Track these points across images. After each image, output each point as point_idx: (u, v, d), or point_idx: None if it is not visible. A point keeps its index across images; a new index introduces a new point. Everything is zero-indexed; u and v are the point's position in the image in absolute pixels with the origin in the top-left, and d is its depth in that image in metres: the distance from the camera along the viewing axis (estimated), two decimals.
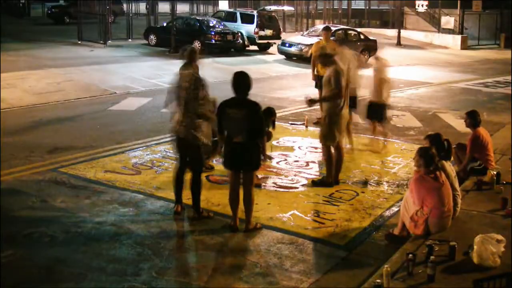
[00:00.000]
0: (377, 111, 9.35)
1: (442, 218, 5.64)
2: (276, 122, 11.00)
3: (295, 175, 7.95)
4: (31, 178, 7.49)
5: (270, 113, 8.33)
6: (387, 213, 6.72)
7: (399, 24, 32.64)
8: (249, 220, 6.02)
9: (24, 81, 14.73)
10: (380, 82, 9.30)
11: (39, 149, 8.82)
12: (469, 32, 32.30)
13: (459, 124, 11.55)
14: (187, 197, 6.94)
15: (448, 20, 32.46)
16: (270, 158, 5.94)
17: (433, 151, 5.85)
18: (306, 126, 10.98)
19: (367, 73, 9.89)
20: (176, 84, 6.39)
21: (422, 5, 33.62)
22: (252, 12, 26.19)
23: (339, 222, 6.34)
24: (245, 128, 5.73)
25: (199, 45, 22.67)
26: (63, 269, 5.10)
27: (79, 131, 10.16)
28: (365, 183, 7.78)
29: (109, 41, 24.20)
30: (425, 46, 31.05)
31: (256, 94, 15.06)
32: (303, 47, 21.89)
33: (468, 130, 7.93)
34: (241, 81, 5.90)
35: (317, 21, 34.06)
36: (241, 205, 6.02)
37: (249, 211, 6.01)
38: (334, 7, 36.88)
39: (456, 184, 6.23)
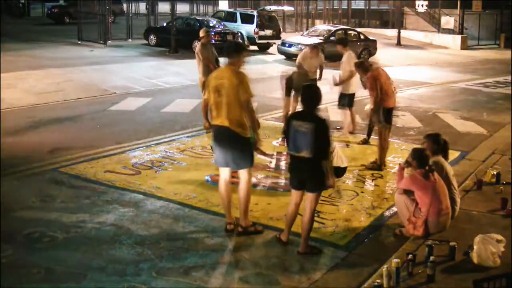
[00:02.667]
0: (344, 99, 10.32)
1: (440, 216, 5.64)
2: (275, 123, 11.08)
3: None
4: (31, 178, 7.49)
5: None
6: (387, 213, 6.72)
7: (399, 24, 32.62)
8: (305, 242, 5.59)
9: (24, 81, 14.73)
10: (349, 74, 9.96)
11: (39, 149, 8.82)
12: (469, 32, 32.28)
13: (459, 124, 11.56)
14: (187, 197, 6.95)
15: (448, 20, 32.44)
16: (333, 184, 5.62)
17: (427, 152, 5.89)
18: None
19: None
20: None
21: (422, 5, 33.59)
22: (252, 12, 26.20)
23: (339, 222, 6.34)
24: (311, 143, 5.33)
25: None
26: (63, 269, 5.10)
27: (79, 131, 10.15)
28: (365, 183, 7.78)
29: (109, 41, 24.20)
30: (425, 46, 31.04)
31: (256, 94, 15.05)
32: (303, 47, 21.83)
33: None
34: (310, 94, 5.56)
35: (317, 21, 34.05)
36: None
37: (306, 232, 5.58)
38: (334, 7, 36.88)
39: (455, 183, 6.24)
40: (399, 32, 30.87)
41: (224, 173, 6.00)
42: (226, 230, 6.00)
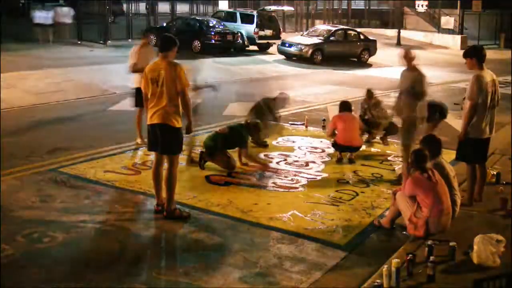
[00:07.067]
0: None
1: (441, 216, 5.65)
2: (275, 123, 11.07)
3: (295, 175, 7.96)
4: (31, 178, 7.49)
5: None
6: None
7: (399, 24, 32.66)
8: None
9: (24, 81, 14.73)
10: None
11: (39, 149, 8.82)
12: (469, 32, 32.30)
13: (459, 124, 11.53)
14: (187, 197, 6.94)
15: (448, 20, 32.47)
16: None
17: (426, 152, 5.90)
18: (306, 126, 10.98)
19: None
20: None
21: (422, 5, 33.62)
22: (252, 12, 26.21)
23: (339, 222, 6.34)
24: None
25: (199, 45, 22.68)
26: (63, 269, 5.10)
27: (79, 131, 10.15)
28: (365, 183, 7.78)
29: (109, 41, 24.19)
30: (425, 46, 31.03)
31: (256, 94, 15.10)
32: (303, 47, 21.92)
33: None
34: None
35: (317, 21, 34.06)
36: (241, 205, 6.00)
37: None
38: (334, 7, 36.88)
39: (456, 184, 6.23)
40: (399, 32, 30.89)
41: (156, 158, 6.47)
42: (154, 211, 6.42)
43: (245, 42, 24.42)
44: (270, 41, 25.22)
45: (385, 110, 9.78)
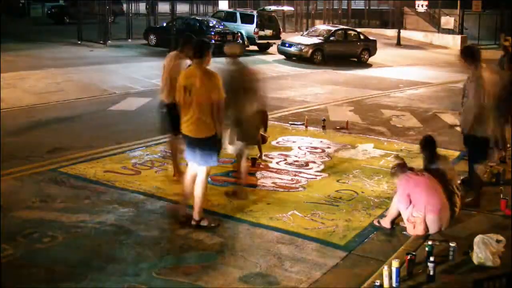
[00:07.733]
0: None
1: (438, 212, 5.66)
2: (275, 123, 11.08)
3: (295, 175, 7.96)
4: (31, 178, 7.49)
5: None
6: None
7: (399, 24, 32.68)
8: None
9: (24, 81, 14.73)
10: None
11: (39, 149, 8.82)
12: (469, 32, 32.31)
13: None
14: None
15: (448, 20, 32.49)
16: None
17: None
18: (306, 126, 10.97)
19: None
20: None
21: (422, 5, 33.63)
22: (252, 12, 26.22)
23: (339, 222, 6.34)
24: None
25: None
26: (63, 269, 5.10)
27: (79, 131, 10.15)
28: (365, 183, 7.78)
29: (109, 41, 24.20)
30: (425, 46, 31.06)
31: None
32: (303, 47, 21.93)
33: None
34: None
35: (317, 21, 34.06)
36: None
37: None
38: (334, 7, 36.89)
39: (456, 184, 6.23)
40: (399, 32, 30.90)
41: (192, 168, 6.16)
42: (179, 222, 6.15)
43: (245, 42, 24.41)
44: (270, 41, 25.22)
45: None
